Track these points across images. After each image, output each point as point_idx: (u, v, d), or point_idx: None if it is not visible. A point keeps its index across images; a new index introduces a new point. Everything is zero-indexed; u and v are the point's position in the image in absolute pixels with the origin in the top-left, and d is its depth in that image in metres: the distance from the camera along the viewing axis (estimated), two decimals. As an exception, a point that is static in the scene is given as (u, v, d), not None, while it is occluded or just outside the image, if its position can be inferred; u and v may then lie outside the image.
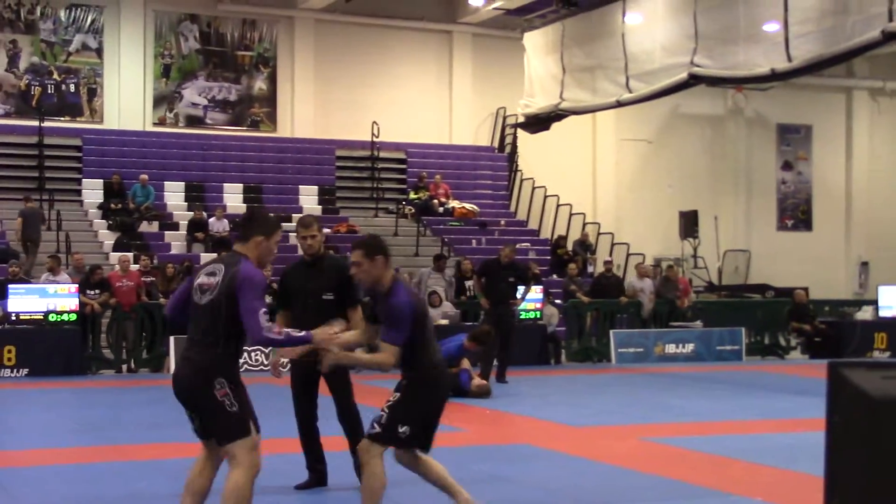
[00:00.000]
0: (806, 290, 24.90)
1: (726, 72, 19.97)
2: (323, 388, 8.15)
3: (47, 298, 17.89)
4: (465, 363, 15.00)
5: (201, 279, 6.14)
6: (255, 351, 17.84)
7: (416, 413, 6.54)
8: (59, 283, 18.47)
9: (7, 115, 25.67)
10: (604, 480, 8.99)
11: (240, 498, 5.93)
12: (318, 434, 8.30)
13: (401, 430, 6.46)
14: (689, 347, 21.91)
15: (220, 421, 5.96)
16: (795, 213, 33.07)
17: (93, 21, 26.39)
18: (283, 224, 25.00)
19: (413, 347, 6.58)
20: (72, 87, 26.33)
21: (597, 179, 30.65)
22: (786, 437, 11.38)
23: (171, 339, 17.84)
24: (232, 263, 6.09)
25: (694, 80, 20.40)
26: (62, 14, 26.16)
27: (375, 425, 6.51)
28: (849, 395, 3.90)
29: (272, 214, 6.67)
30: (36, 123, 25.01)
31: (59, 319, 17.91)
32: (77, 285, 18.50)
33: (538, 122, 25.05)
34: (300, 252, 8.50)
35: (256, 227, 6.28)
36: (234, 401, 5.95)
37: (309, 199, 26.97)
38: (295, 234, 8.55)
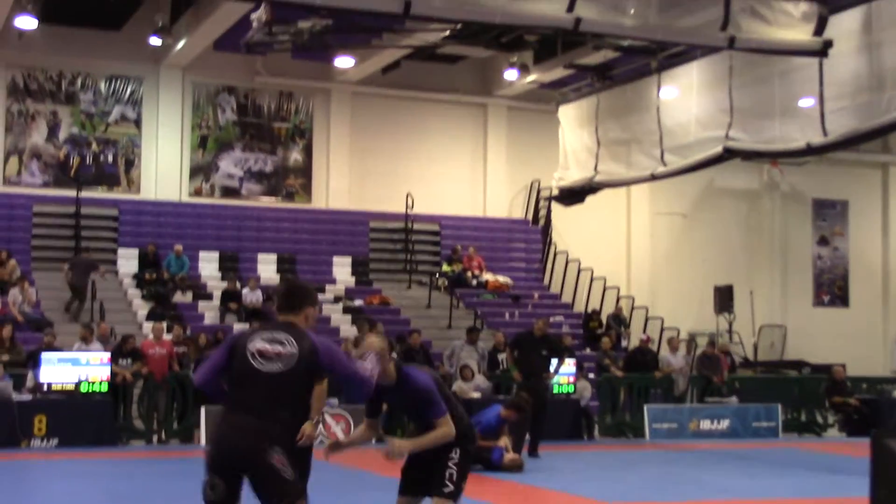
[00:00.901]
0: (843, 366, 24.59)
1: (762, 146, 19.93)
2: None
3: (79, 368, 17.87)
4: (504, 440, 14.84)
5: (261, 345, 6.05)
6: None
7: (468, 472, 6.93)
8: (91, 352, 18.48)
9: (45, 185, 25.92)
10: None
11: None
12: None
13: (462, 485, 6.83)
14: (725, 423, 21.61)
15: (279, 485, 5.95)
16: (832, 289, 32.78)
17: (132, 92, 26.71)
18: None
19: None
20: (110, 158, 26.58)
21: (631, 253, 30.54)
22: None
23: (203, 409, 17.78)
24: (301, 336, 6.11)
25: (729, 154, 20.38)
26: (102, 85, 26.50)
27: (448, 483, 6.73)
28: (893, 467, 3.78)
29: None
30: (74, 193, 25.22)
31: (90, 389, 17.88)
32: (109, 354, 18.52)
33: (572, 195, 25.05)
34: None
35: (307, 297, 6.34)
36: (291, 467, 5.97)
37: (342, 271, 27.00)
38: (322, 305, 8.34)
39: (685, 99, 21.43)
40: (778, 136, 19.30)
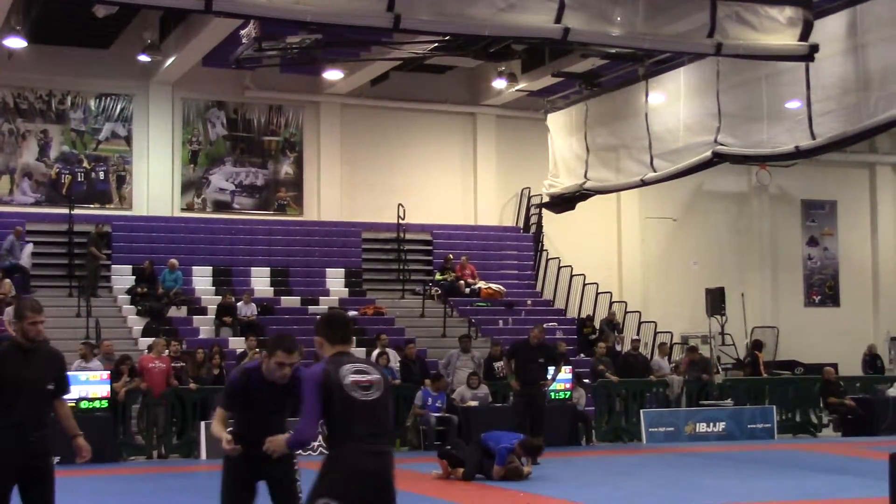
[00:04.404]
0: (835, 366, 24.76)
1: (750, 150, 20.04)
2: None
3: (79, 385, 17.91)
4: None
5: (354, 377, 6.35)
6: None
7: None
8: (90, 370, 18.56)
9: (38, 203, 25.99)
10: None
11: None
12: None
13: None
14: (720, 426, 21.75)
15: None
16: (822, 289, 32.98)
17: (122, 109, 26.78)
18: (311, 308, 25.09)
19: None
20: (101, 175, 26.65)
21: (622, 258, 30.69)
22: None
23: (202, 424, 17.88)
24: (372, 363, 6.63)
25: (718, 159, 20.49)
26: (92, 103, 26.57)
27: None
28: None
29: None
30: (66, 211, 25.26)
31: (90, 406, 17.96)
32: (108, 372, 18.61)
33: (563, 202, 25.14)
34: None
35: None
36: None
37: (336, 282, 27.08)
38: (26, 320, 7.52)
39: (673, 104, 21.55)
40: (766, 140, 19.42)
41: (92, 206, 26.35)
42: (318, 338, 6.61)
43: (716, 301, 27.94)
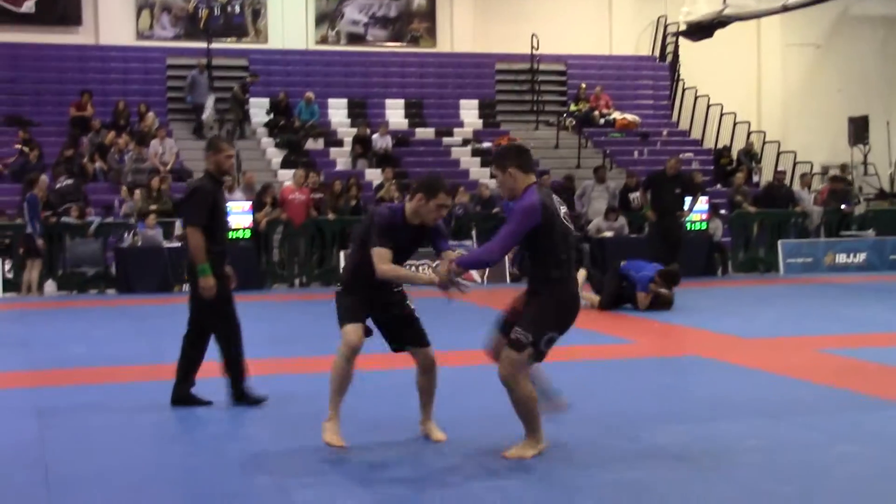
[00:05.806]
0: None
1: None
2: None
3: (224, 216, 18.48)
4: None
5: (563, 209, 6.61)
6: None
7: None
8: (234, 201, 19.07)
9: (177, 37, 26.38)
10: (780, 391, 8.95)
11: None
12: None
13: None
14: (861, 257, 21.42)
15: None
16: (975, 117, 31.69)
17: (256, -58, 26.84)
18: (446, 139, 25.18)
19: None
20: (237, 9, 26.87)
21: (762, 87, 29.93)
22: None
23: (342, 253, 18.32)
24: None
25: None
26: (226, -64, 26.67)
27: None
28: None
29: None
30: (204, 45, 25.60)
31: (234, 236, 18.52)
32: (251, 202, 19.13)
33: (700, 30, 24.58)
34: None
35: None
36: None
37: (469, 114, 27.07)
38: (222, 153, 8.44)
39: (821, -77, 20.68)
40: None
41: (229, 39, 26.65)
42: (511, 168, 6.51)
43: (859, 130, 27.26)
